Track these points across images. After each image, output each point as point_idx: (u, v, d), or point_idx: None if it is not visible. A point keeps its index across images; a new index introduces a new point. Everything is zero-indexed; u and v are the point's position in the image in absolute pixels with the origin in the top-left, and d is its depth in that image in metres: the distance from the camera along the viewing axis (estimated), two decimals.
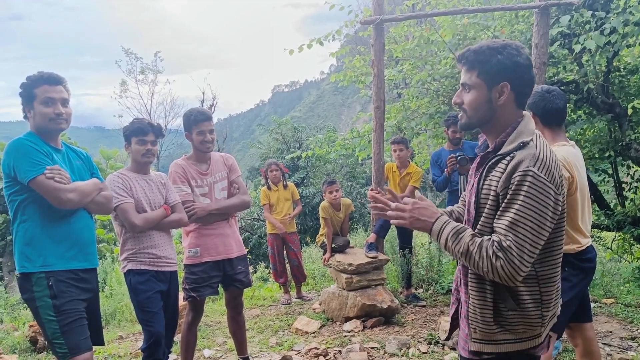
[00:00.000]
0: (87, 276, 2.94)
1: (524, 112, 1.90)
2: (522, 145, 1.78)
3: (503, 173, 1.76)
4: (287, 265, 6.75)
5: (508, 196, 1.72)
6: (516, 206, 1.69)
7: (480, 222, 1.83)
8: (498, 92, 1.83)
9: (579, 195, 3.00)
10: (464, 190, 5.10)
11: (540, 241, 1.70)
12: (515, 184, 1.71)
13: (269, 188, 6.59)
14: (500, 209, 1.75)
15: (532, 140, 1.79)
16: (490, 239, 1.73)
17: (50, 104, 2.80)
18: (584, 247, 3.03)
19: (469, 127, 1.96)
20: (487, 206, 1.81)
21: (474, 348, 1.87)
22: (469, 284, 1.85)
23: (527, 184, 1.69)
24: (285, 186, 6.61)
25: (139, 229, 3.31)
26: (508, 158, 1.78)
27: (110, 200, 3.09)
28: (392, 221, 1.96)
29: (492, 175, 1.80)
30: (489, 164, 1.84)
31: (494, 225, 1.76)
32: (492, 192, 1.79)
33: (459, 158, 5.11)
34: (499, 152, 1.82)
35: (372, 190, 5.67)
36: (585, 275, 3.09)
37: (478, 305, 1.82)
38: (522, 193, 1.69)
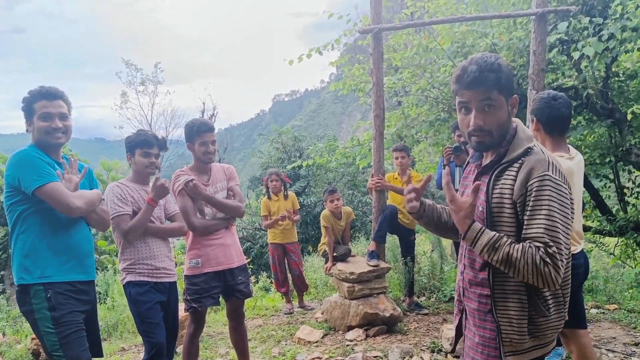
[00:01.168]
0: (85, 288, 2.95)
1: (514, 119, 1.93)
2: (529, 151, 1.80)
3: (515, 180, 1.78)
4: (289, 275, 6.73)
5: (530, 203, 1.74)
6: (544, 211, 1.71)
7: (497, 231, 1.83)
8: (512, 105, 1.87)
9: None
10: (459, 184, 5.06)
11: (569, 239, 1.74)
12: (534, 189, 1.73)
13: (269, 198, 6.58)
14: (526, 216, 1.75)
15: (534, 145, 1.83)
16: (530, 245, 1.73)
17: (48, 119, 2.84)
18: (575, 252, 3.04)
19: (493, 147, 1.89)
20: (502, 215, 1.82)
21: None
22: (502, 296, 1.84)
23: (547, 188, 1.72)
24: (285, 196, 6.59)
25: (130, 237, 3.30)
26: (517, 164, 1.80)
27: (107, 214, 3.11)
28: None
29: (503, 183, 1.82)
30: (496, 172, 1.85)
31: (525, 233, 1.76)
32: (506, 200, 1.80)
33: (453, 147, 5.06)
34: (505, 160, 1.84)
35: (372, 177, 5.56)
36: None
37: (515, 316, 1.82)
38: (546, 197, 1.71)
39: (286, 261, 6.64)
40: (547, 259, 1.68)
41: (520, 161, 1.79)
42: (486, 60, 1.82)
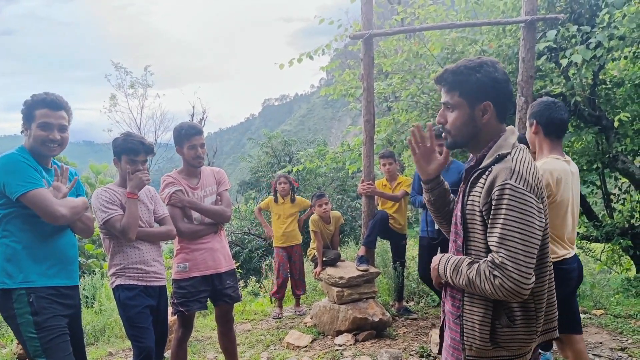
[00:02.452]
0: (69, 292, 2.91)
1: (508, 126, 1.93)
2: (499, 158, 1.80)
3: (483, 188, 1.78)
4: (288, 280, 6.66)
5: (492, 212, 1.74)
6: (501, 221, 1.71)
7: (469, 239, 1.85)
8: (481, 111, 1.86)
9: (560, 208, 3.04)
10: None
11: (533, 250, 1.71)
12: (495, 199, 1.72)
13: (275, 200, 6.55)
14: (488, 226, 1.76)
15: (509, 153, 1.80)
16: (485, 260, 1.74)
17: (47, 129, 2.80)
18: (560, 258, 3.06)
19: (455, 146, 1.98)
20: (475, 223, 1.82)
21: None
22: (470, 301, 1.84)
23: (506, 197, 1.70)
24: (292, 200, 6.56)
25: (128, 234, 3.26)
26: (487, 172, 1.80)
27: (92, 222, 3.07)
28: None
29: (475, 191, 1.82)
30: (472, 178, 1.85)
31: (488, 243, 1.76)
32: (476, 209, 1.81)
33: None
34: (479, 167, 1.85)
35: (362, 182, 5.42)
36: (560, 283, 3.11)
37: (477, 322, 1.81)
38: (504, 207, 1.70)
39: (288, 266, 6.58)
40: (496, 271, 1.68)
41: (490, 169, 1.79)
42: (463, 63, 1.87)
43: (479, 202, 1.79)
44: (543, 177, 2.94)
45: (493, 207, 1.73)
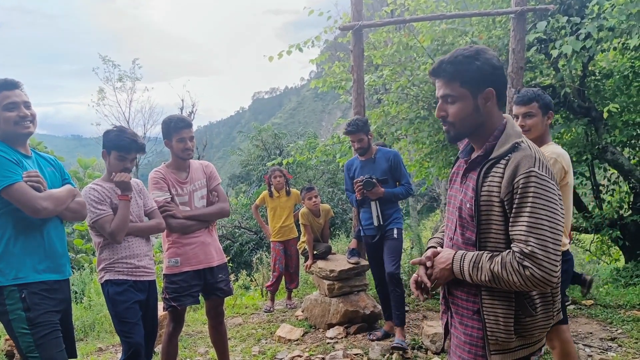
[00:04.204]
0: (58, 287, 2.87)
1: (504, 114, 1.91)
2: (516, 147, 1.78)
3: (502, 177, 1.75)
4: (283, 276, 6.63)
5: (516, 201, 1.71)
6: (528, 209, 1.69)
7: (484, 231, 1.82)
8: (484, 98, 1.83)
9: (568, 192, 3.05)
10: (378, 216, 4.70)
11: (559, 237, 1.70)
12: (520, 187, 1.70)
13: (270, 195, 6.50)
14: (512, 215, 1.73)
15: (522, 141, 1.80)
16: (509, 252, 1.72)
17: (14, 109, 2.74)
18: (565, 249, 3.07)
19: (459, 138, 1.94)
20: (492, 213, 1.79)
21: None
22: (489, 295, 1.83)
23: (532, 185, 1.69)
24: (287, 193, 6.52)
25: (117, 237, 3.24)
26: (503, 161, 1.77)
27: (84, 207, 3.02)
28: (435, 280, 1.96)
29: (490, 181, 1.79)
30: (484, 169, 1.82)
31: (511, 233, 1.74)
32: (494, 198, 1.77)
33: (364, 182, 4.56)
34: (492, 156, 1.81)
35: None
36: (567, 275, 3.12)
37: (501, 315, 1.80)
38: (530, 194, 1.68)
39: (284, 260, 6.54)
40: (526, 261, 1.66)
41: (507, 157, 1.77)
42: (459, 53, 1.83)
43: (497, 191, 1.76)
44: (558, 160, 2.96)
45: (518, 196, 1.70)
